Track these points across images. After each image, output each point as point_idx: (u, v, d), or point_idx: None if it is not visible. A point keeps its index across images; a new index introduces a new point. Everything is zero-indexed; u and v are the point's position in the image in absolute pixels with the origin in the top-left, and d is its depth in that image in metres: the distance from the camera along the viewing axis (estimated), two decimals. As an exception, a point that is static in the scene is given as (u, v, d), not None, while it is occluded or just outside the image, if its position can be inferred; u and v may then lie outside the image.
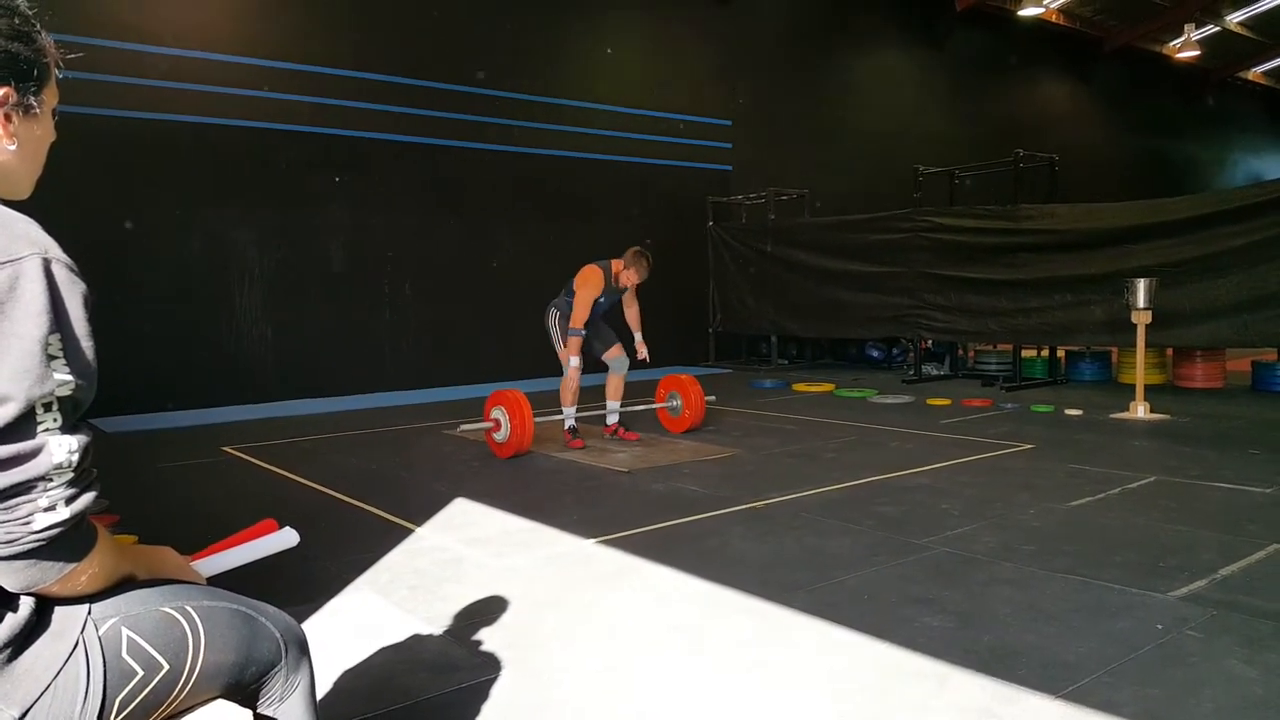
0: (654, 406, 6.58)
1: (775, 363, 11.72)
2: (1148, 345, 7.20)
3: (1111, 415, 6.93)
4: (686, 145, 12.31)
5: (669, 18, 12.27)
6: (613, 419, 6.40)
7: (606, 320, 6.31)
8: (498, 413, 5.78)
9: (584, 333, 5.97)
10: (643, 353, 6.32)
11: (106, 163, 8.04)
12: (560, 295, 6.18)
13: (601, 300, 6.06)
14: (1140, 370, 7.03)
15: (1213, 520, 3.86)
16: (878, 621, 2.78)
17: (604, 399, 6.42)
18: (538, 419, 5.80)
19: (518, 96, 10.66)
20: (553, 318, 6.19)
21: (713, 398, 6.84)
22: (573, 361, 5.99)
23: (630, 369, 6.38)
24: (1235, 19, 19.40)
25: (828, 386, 9.14)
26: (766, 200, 11.73)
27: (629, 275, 6.02)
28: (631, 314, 6.39)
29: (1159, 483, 4.62)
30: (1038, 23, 17.19)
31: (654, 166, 11.95)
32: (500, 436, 5.77)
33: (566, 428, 6.13)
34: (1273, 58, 22.58)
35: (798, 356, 12.27)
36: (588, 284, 5.96)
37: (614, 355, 6.28)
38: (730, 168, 12.76)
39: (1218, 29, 19.43)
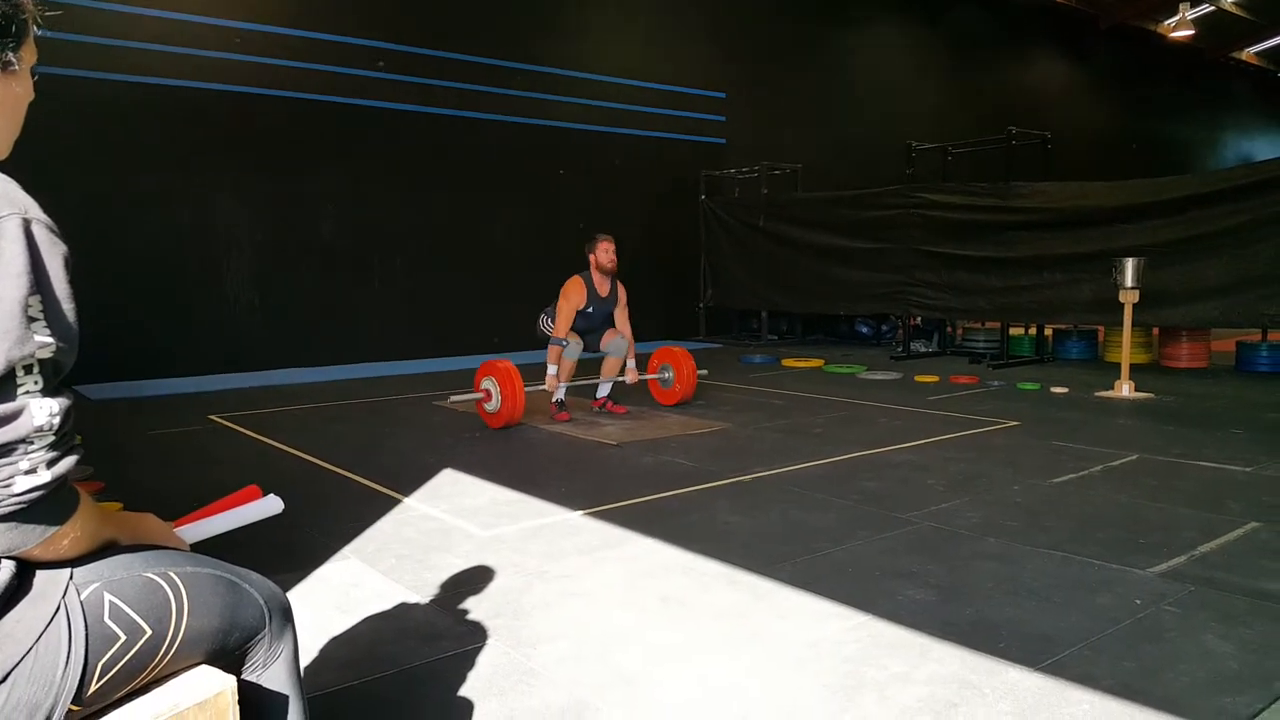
0: (646, 377, 6.58)
1: (765, 338, 11.74)
2: (1134, 324, 7.23)
3: (1097, 393, 6.98)
4: (680, 118, 12.23)
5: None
6: (603, 392, 6.40)
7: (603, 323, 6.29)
8: (488, 383, 5.78)
9: (565, 342, 5.98)
10: (632, 378, 6.28)
11: (92, 125, 7.94)
12: (553, 303, 6.18)
13: (589, 310, 6.06)
14: (1126, 349, 7.07)
15: (1193, 498, 3.90)
16: (861, 594, 2.80)
17: (597, 374, 6.43)
18: (527, 389, 5.80)
19: (510, 65, 10.56)
20: (543, 322, 6.21)
21: (704, 372, 6.84)
22: (550, 370, 6.00)
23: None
24: (1230, -2, 19.35)
25: (817, 362, 9.16)
26: (759, 174, 11.69)
27: (598, 260, 6.00)
28: (624, 335, 6.25)
29: (1142, 461, 4.66)
30: (1033, -1, 17.14)
31: (647, 139, 11.88)
32: (491, 407, 5.77)
33: (554, 400, 6.13)
34: (1266, 38, 22.53)
35: (788, 332, 12.29)
36: (569, 295, 5.97)
37: (610, 340, 6.25)
38: (724, 141, 12.69)
39: (1212, 8, 19.36)
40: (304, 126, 9.17)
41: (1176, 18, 17.91)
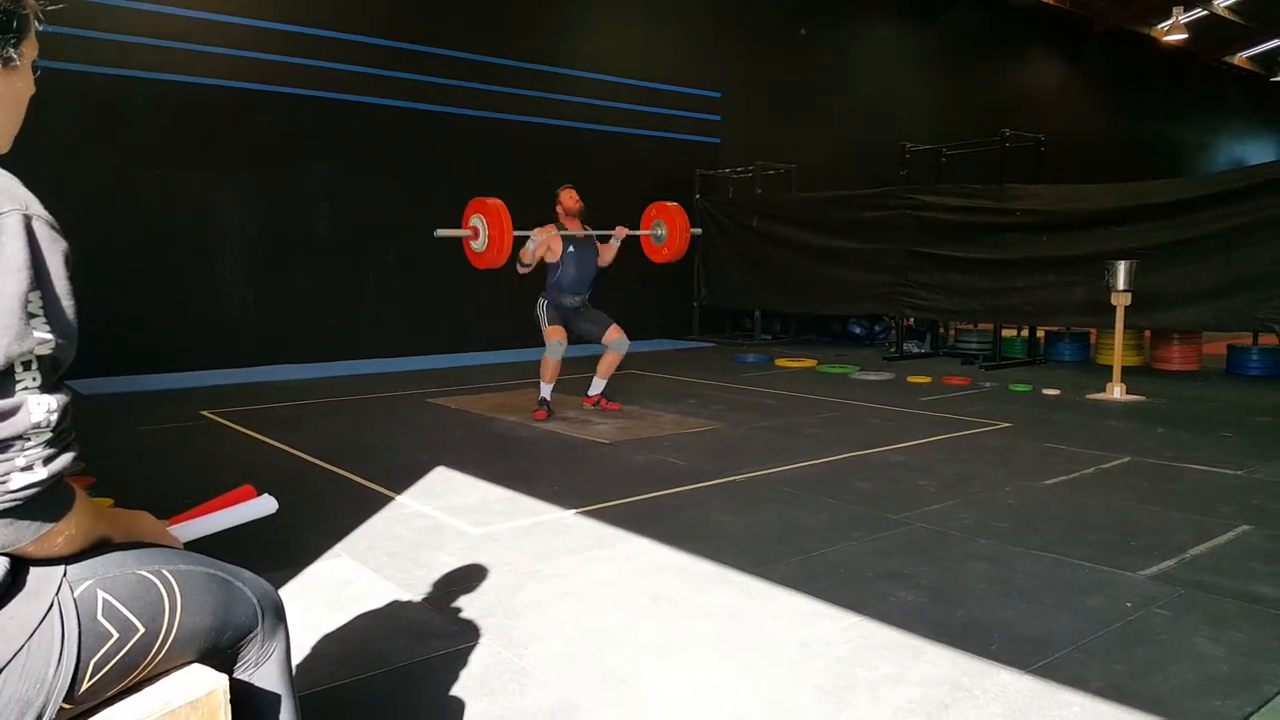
0: (639, 233, 6.58)
1: (759, 338, 11.74)
2: (1126, 327, 7.26)
3: (1088, 396, 7.00)
4: (675, 117, 12.22)
5: (659, -14, 12.14)
6: (595, 390, 6.38)
7: (593, 299, 6.26)
8: (476, 220, 5.72)
9: (531, 244, 5.90)
10: (621, 232, 6.26)
11: (90, 121, 7.89)
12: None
13: (572, 251, 6.01)
14: (1118, 352, 7.10)
15: (1184, 501, 3.92)
16: (853, 594, 2.81)
17: (589, 370, 6.41)
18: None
19: (504, 62, 10.53)
20: (541, 306, 6.18)
21: (698, 230, 6.76)
22: (530, 244, 5.86)
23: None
24: (1223, 3, 19.41)
25: (810, 362, 9.17)
26: (754, 174, 11.69)
27: (564, 206, 6.06)
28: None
29: (1133, 463, 4.68)
30: (1029, 1, 17.15)
31: (642, 137, 11.86)
32: (478, 245, 5.71)
33: (539, 399, 6.08)
34: (1258, 42, 22.64)
35: (781, 332, 12.29)
36: (538, 233, 5.95)
37: (614, 336, 6.18)
38: (718, 140, 12.68)
39: (1205, 13, 19.45)
40: (300, 122, 9.14)
41: (1170, 21, 18.01)
